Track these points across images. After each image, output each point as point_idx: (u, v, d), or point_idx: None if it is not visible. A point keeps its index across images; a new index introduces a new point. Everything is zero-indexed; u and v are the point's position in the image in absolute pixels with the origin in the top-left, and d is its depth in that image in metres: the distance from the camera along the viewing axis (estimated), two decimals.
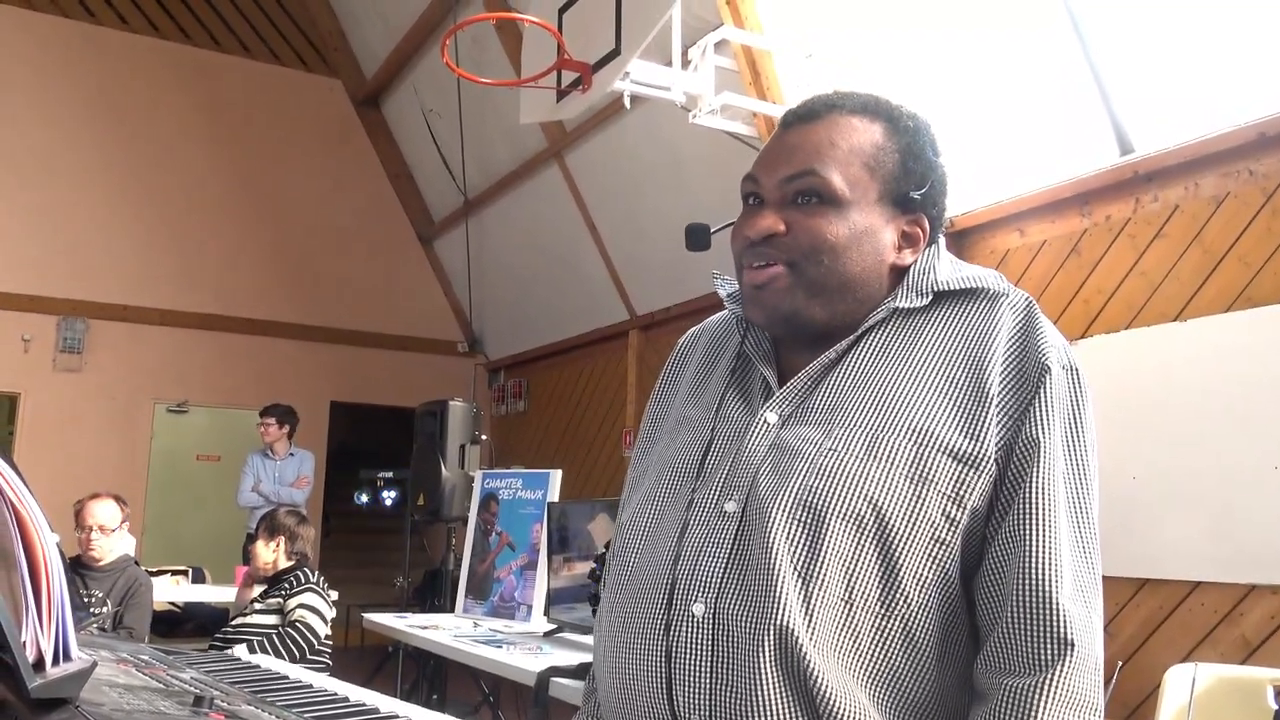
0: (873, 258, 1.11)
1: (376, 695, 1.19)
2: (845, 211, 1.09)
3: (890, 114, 1.16)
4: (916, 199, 1.13)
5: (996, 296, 1.13)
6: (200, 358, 8.77)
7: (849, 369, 1.10)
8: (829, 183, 1.09)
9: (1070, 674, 0.97)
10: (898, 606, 1.00)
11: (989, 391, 1.05)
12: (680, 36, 4.07)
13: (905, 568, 1.00)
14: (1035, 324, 1.11)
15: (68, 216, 8.38)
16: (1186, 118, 4.02)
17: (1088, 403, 1.09)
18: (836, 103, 1.15)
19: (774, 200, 1.11)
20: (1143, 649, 3.88)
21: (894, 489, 1.02)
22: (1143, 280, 4.04)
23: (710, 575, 1.02)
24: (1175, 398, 3.84)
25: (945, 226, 1.23)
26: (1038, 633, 0.98)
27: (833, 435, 1.05)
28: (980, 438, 1.04)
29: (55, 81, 8.44)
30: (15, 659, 0.72)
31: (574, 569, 3.40)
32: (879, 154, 1.12)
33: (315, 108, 9.52)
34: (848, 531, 1.01)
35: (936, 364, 1.08)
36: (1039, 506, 1.02)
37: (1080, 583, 1.01)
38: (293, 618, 3.79)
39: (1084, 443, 1.07)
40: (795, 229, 1.09)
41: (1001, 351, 1.08)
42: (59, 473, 7.18)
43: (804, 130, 1.13)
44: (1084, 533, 1.04)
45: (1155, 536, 3.87)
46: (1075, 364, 1.10)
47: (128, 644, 1.42)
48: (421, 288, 9.90)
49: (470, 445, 5.44)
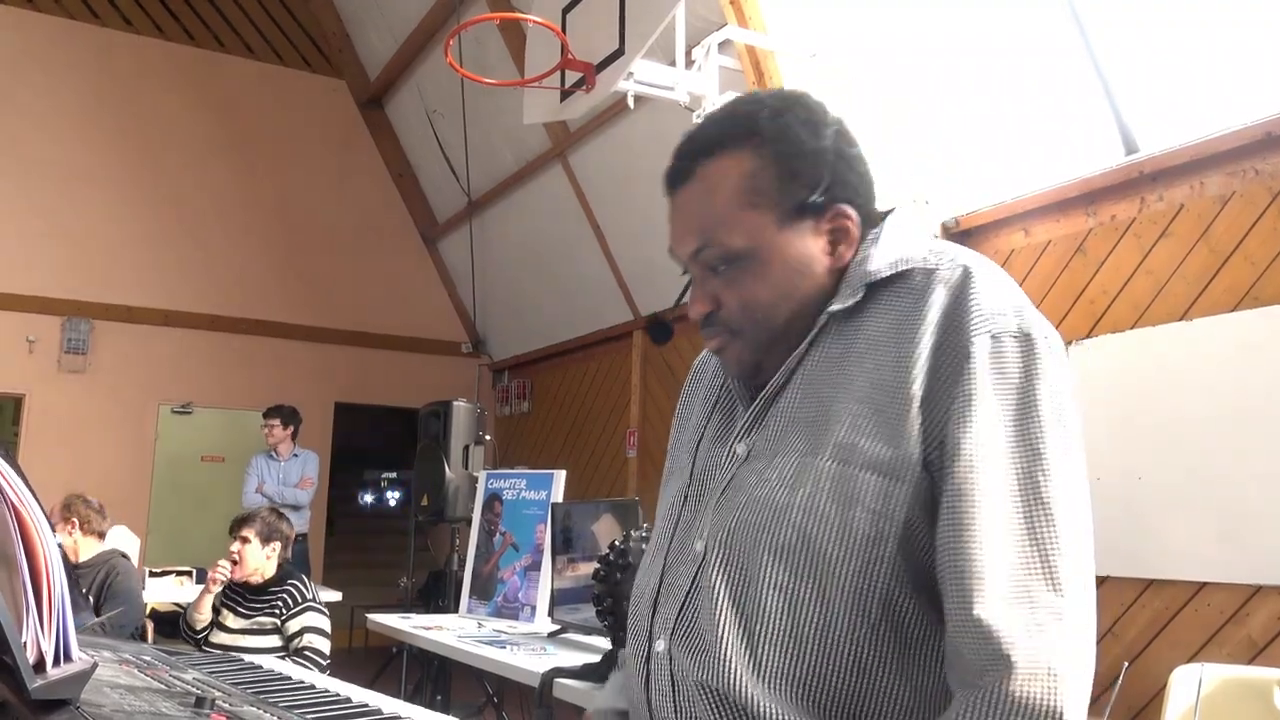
0: (808, 280, 1.07)
1: (380, 696, 1.19)
2: (758, 260, 1.06)
3: (750, 124, 1.07)
4: (819, 200, 1.06)
5: (929, 275, 1.03)
6: (204, 359, 8.78)
7: (797, 387, 1.07)
8: (727, 247, 1.06)
9: (1005, 689, 0.90)
10: (840, 632, 0.98)
11: (912, 391, 0.98)
12: (684, 36, 4.07)
13: (844, 592, 0.98)
14: (967, 296, 1.00)
15: (72, 218, 8.39)
16: (1191, 117, 4.01)
17: (1045, 370, 0.98)
18: (698, 147, 1.09)
19: (696, 274, 1.11)
20: (1148, 650, 3.87)
21: (821, 514, 0.99)
22: (1149, 280, 4.03)
23: (669, 615, 1.06)
24: (1182, 397, 3.83)
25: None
26: (969, 650, 0.93)
27: (772, 463, 1.04)
28: (902, 444, 0.98)
29: (60, 83, 8.45)
30: (16, 660, 0.71)
31: (578, 570, 3.40)
32: (755, 183, 1.06)
33: (319, 109, 9.53)
34: (781, 564, 0.99)
35: (866, 367, 1.02)
36: (959, 510, 0.95)
37: (1023, 581, 0.93)
38: (301, 644, 3.68)
39: (1039, 416, 0.96)
40: (724, 301, 1.08)
41: (929, 339, 0.99)
42: (65, 473, 7.19)
43: (683, 195, 1.09)
44: (1037, 518, 0.94)
45: (1161, 537, 3.86)
46: (1027, 328, 0.99)
47: (130, 645, 1.42)
48: (425, 288, 9.91)
49: (474, 446, 5.45)
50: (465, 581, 4.14)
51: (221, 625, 3.85)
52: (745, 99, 1.11)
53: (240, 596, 3.87)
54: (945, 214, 4.73)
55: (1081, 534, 0.97)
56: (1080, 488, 0.98)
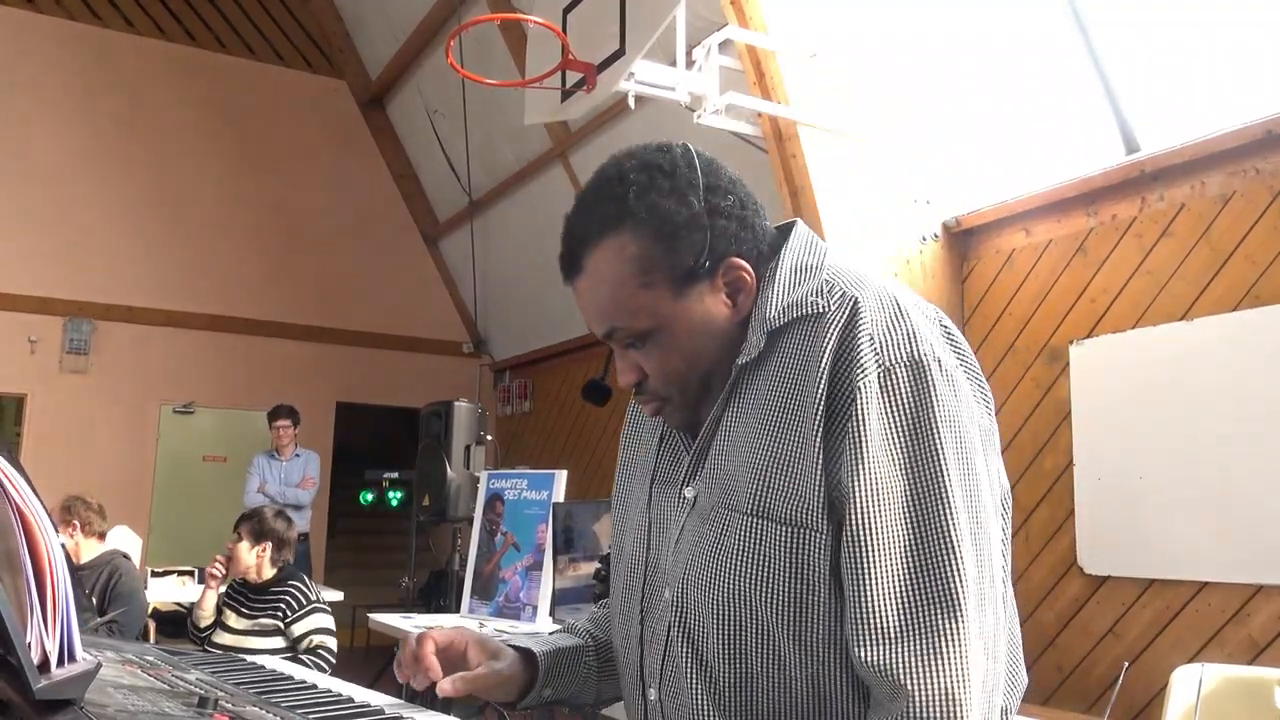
0: (716, 339, 1.10)
1: (382, 696, 1.19)
2: (665, 332, 1.09)
3: (621, 208, 1.08)
4: (705, 265, 1.08)
5: (820, 318, 1.05)
6: (206, 359, 8.79)
7: (724, 438, 1.11)
8: (631, 328, 1.09)
9: (908, 718, 0.95)
10: (794, 673, 1.03)
11: (814, 440, 1.01)
12: (684, 36, 4.07)
13: (790, 639, 1.02)
14: (855, 335, 1.02)
15: (73, 218, 8.40)
16: (1192, 116, 4.01)
17: (939, 394, 0.99)
18: (578, 238, 1.10)
19: (616, 349, 1.14)
20: (1149, 649, 3.87)
21: (749, 572, 1.04)
22: (1149, 279, 4.03)
23: (654, 665, 1.13)
24: (1182, 397, 3.83)
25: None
26: (873, 684, 0.98)
27: (709, 519, 1.09)
28: (809, 495, 1.01)
29: (61, 83, 8.46)
30: (20, 660, 0.72)
31: (579, 569, 3.40)
32: (641, 264, 1.07)
33: (320, 109, 9.53)
34: (726, 621, 1.05)
35: (775, 418, 1.05)
36: (853, 555, 0.99)
37: (919, 614, 0.96)
38: (312, 645, 3.70)
39: (934, 441, 0.98)
40: (647, 371, 1.12)
41: (823, 386, 1.01)
42: (66, 474, 7.19)
43: (579, 287, 1.12)
44: (933, 548, 0.97)
45: (1162, 537, 3.86)
46: (919, 356, 1.00)
47: (133, 645, 1.42)
48: (427, 288, 9.91)
49: (475, 446, 5.45)
50: (467, 581, 4.14)
51: (225, 625, 3.86)
52: (608, 173, 1.11)
53: (243, 597, 3.88)
54: (946, 214, 4.73)
55: (983, 550, 1.00)
56: (984, 502, 1.01)
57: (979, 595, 0.97)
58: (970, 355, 1.11)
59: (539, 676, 1.23)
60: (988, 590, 0.99)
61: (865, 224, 4.48)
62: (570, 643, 1.29)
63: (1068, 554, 4.20)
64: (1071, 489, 4.19)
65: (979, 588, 0.98)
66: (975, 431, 1.03)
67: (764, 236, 1.12)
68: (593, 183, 1.12)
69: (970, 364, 1.09)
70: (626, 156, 1.11)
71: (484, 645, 1.21)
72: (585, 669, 1.28)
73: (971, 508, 0.99)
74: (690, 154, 1.10)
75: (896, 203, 4.60)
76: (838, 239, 4.36)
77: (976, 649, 0.96)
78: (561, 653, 1.27)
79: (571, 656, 1.28)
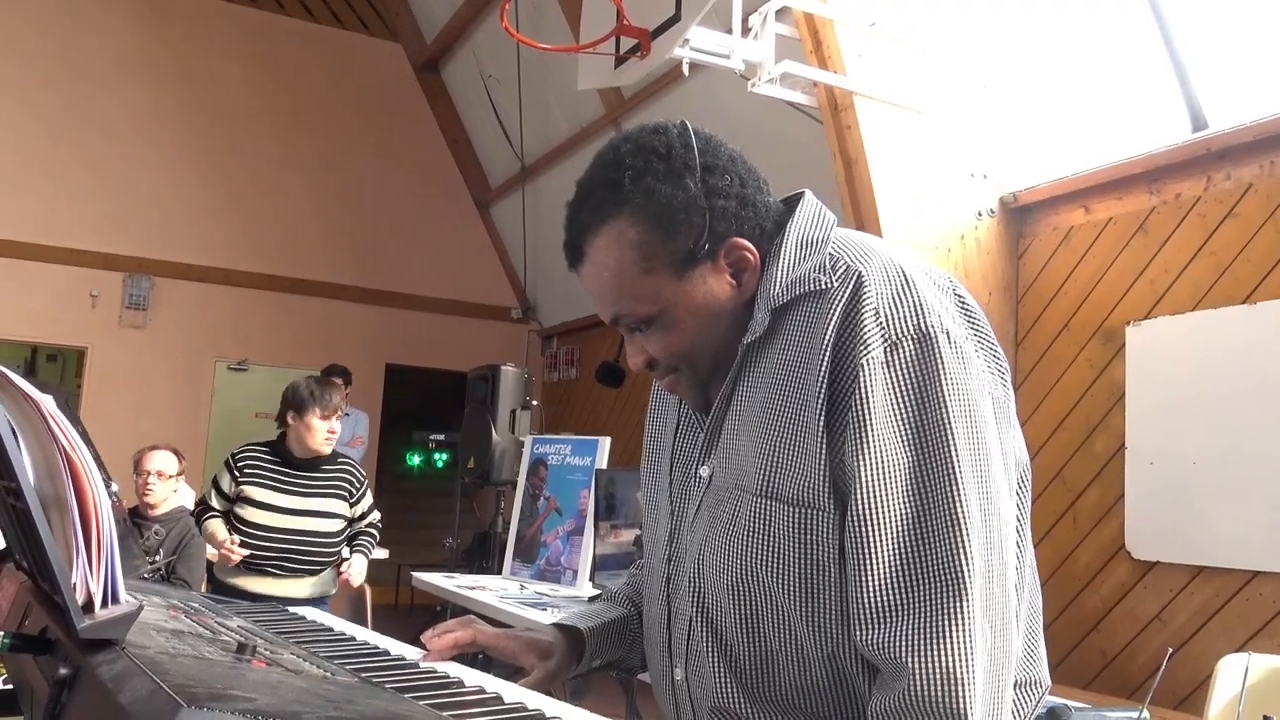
0: (722, 319, 1.10)
1: (419, 651, 1.21)
2: (669, 316, 1.10)
3: (617, 194, 1.08)
4: (705, 247, 1.07)
5: (823, 295, 1.03)
6: (261, 317, 8.93)
7: (735, 417, 1.11)
8: (636, 313, 1.10)
9: (909, 696, 0.94)
10: (810, 653, 1.04)
11: (819, 421, 1.00)
12: (741, 3, 4.02)
13: (803, 618, 1.03)
14: (859, 311, 1.00)
15: (135, 176, 8.55)
16: (1262, 94, 3.89)
17: (947, 367, 0.97)
18: (579, 227, 1.12)
19: (623, 333, 1.17)
20: (1196, 637, 3.81)
21: (759, 553, 1.04)
22: (1212, 261, 3.93)
23: (681, 643, 1.15)
24: (1240, 383, 3.74)
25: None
26: (879, 662, 0.98)
27: (722, 499, 1.10)
28: (814, 475, 1.01)
29: (122, 43, 8.59)
30: (65, 600, 0.74)
31: (620, 536, 3.42)
32: (642, 250, 1.07)
33: (376, 72, 9.58)
34: (739, 601, 1.07)
35: (781, 398, 1.04)
36: (857, 536, 0.98)
37: (922, 594, 0.95)
38: (370, 521, 4.05)
39: (942, 415, 0.97)
40: (656, 351, 1.13)
41: (826, 365, 1.00)
42: (123, 426, 7.38)
43: (583, 274, 1.13)
44: (938, 527, 0.96)
45: (1213, 523, 3.79)
46: (926, 327, 0.98)
47: (179, 591, 1.46)
48: (477, 253, 9.96)
49: (521, 410, 5.49)
50: (509, 544, 4.18)
51: (268, 505, 3.73)
52: (605, 158, 1.12)
53: (284, 475, 3.80)
54: (1003, 189, 4.64)
55: (993, 527, 0.98)
56: (995, 478, 1.00)
57: (985, 573, 0.96)
58: (985, 323, 1.09)
59: (587, 651, 1.26)
60: (995, 567, 0.98)
61: (920, 197, 4.41)
62: (615, 614, 1.33)
63: (1116, 538, 4.14)
64: (1122, 472, 4.12)
65: (985, 565, 0.97)
66: (987, 404, 1.01)
67: (767, 213, 1.12)
68: (591, 168, 1.13)
69: (985, 333, 1.07)
70: (623, 140, 1.12)
71: (534, 646, 1.23)
72: (631, 635, 1.32)
73: (981, 484, 0.98)
74: (687, 133, 1.10)
75: (953, 176, 4.52)
76: (891, 212, 4.30)
77: (982, 628, 0.95)
78: (609, 626, 1.31)
79: (619, 628, 1.31)
